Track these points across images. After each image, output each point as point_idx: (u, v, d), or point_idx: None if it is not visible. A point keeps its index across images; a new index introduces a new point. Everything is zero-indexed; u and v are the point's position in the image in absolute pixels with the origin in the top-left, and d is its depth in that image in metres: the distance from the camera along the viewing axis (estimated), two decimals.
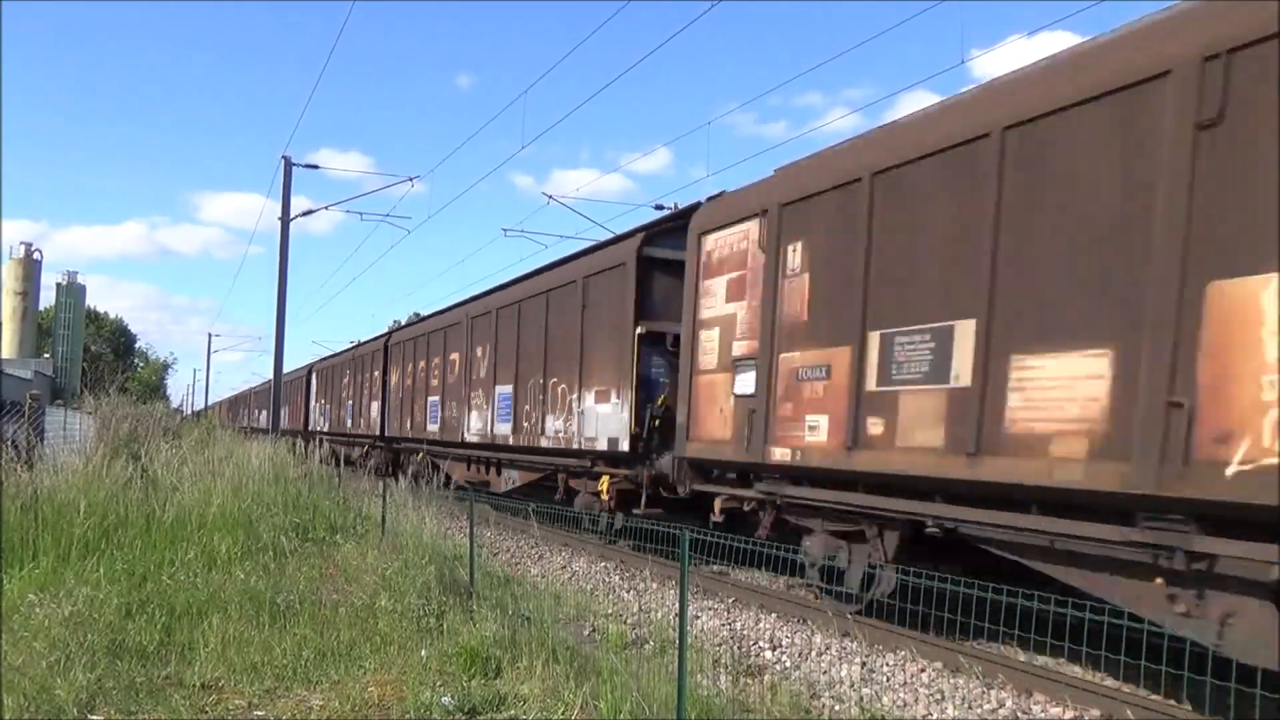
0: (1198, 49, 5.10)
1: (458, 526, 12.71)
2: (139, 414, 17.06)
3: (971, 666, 6.39)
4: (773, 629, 7.83)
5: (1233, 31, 4.96)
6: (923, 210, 6.96)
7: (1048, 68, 6.32)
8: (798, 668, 6.66)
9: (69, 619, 6.17)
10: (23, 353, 68.43)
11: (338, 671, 5.74)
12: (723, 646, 7.04)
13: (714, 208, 9.86)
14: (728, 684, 5.50)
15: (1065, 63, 6.17)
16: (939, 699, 5.98)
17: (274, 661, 5.82)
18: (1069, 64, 6.11)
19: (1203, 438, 4.93)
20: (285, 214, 22.91)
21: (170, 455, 11.41)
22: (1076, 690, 5.88)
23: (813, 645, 7.26)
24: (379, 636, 6.38)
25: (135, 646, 5.99)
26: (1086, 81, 5.79)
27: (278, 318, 23.12)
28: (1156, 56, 5.37)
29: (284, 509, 10.26)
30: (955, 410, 6.49)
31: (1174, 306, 5.11)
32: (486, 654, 5.86)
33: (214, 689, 5.43)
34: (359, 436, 26.48)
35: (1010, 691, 6.06)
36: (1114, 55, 5.74)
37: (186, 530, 8.97)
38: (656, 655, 6.00)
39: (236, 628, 6.38)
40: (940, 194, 6.80)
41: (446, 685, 5.39)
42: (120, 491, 9.46)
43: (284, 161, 22.76)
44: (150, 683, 5.40)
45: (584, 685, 5.17)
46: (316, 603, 7.14)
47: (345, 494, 13.52)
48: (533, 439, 14.05)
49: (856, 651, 7.00)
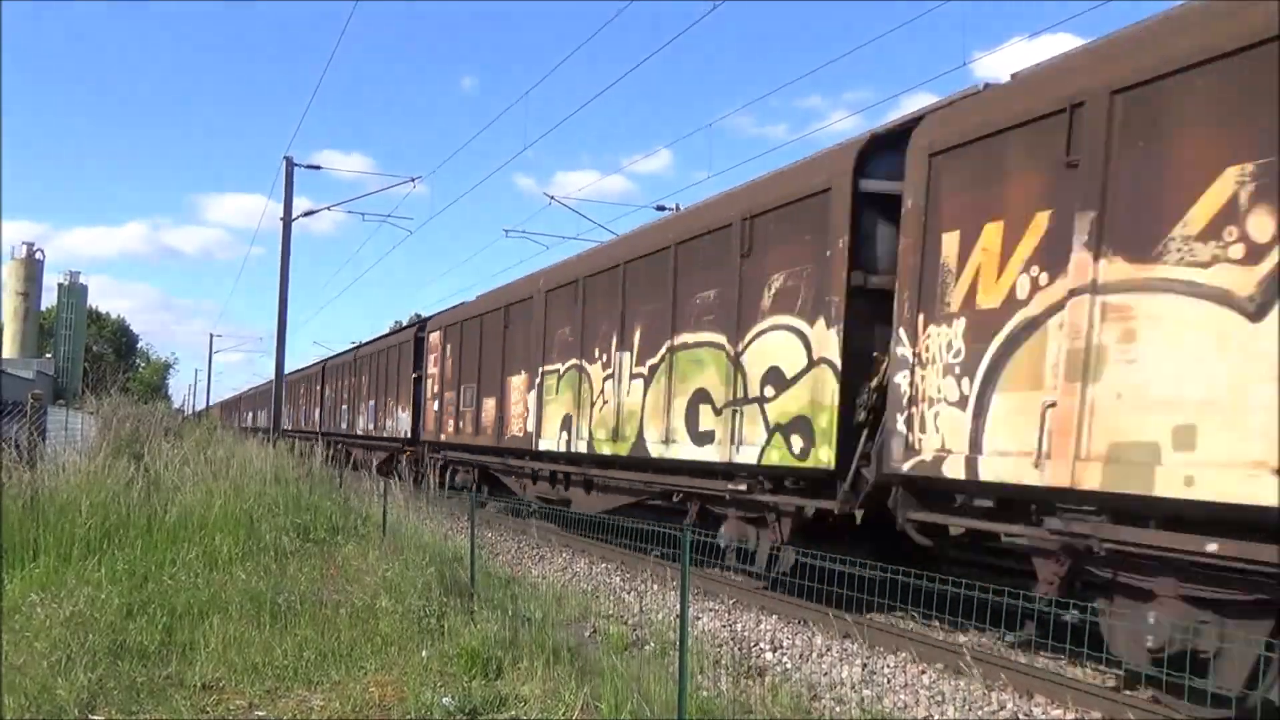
0: (741, 213, 8.90)
1: (458, 527, 12.71)
2: (140, 414, 17.08)
3: (972, 669, 6.39)
4: (773, 630, 7.82)
5: (752, 206, 8.79)
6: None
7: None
8: (798, 669, 6.66)
9: (70, 619, 6.18)
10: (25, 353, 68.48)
11: (339, 672, 5.74)
12: (723, 648, 7.04)
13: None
14: (728, 685, 5.49)
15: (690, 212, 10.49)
16: (940, 700, 5.98)
17: (275, 662, 5.83)
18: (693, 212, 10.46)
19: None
20: (287, 215, 22.91)
21: (172, 455, 11.42)
22: (1078, 692, 5.87)
23: (813, 646, 7.25)
24: (380, 637, 6.38)
25: (136, 647, 5.99)
26: (700, 223, 9.72)
27: (279, 318, 23.11)
28: (726, 216, 9.10)
29: (285, 509, 10.27)
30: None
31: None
32: (487, 655, 5.87)
33: (215, 689, 5.43)
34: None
35: (1011, 693, 6.06)
36: (713, 213, 9.62)
37: (188, 530, 8.98)
38: (657, 656, 6.01)
39: (237, 628, 6.38)
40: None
41: (447, 686, 5.39)
42: (122, 491, 9.47)
43: (286, 162, 22.78)
44: (151, 683, 5.40)
45: (585, 686, 5.17)
46: (317, 603, 7.14)
47: (346, 494, 13.53)
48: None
49: (857, 653, 7.00)
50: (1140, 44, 5.61)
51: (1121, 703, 5.63)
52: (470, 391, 16.73)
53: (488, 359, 15.89)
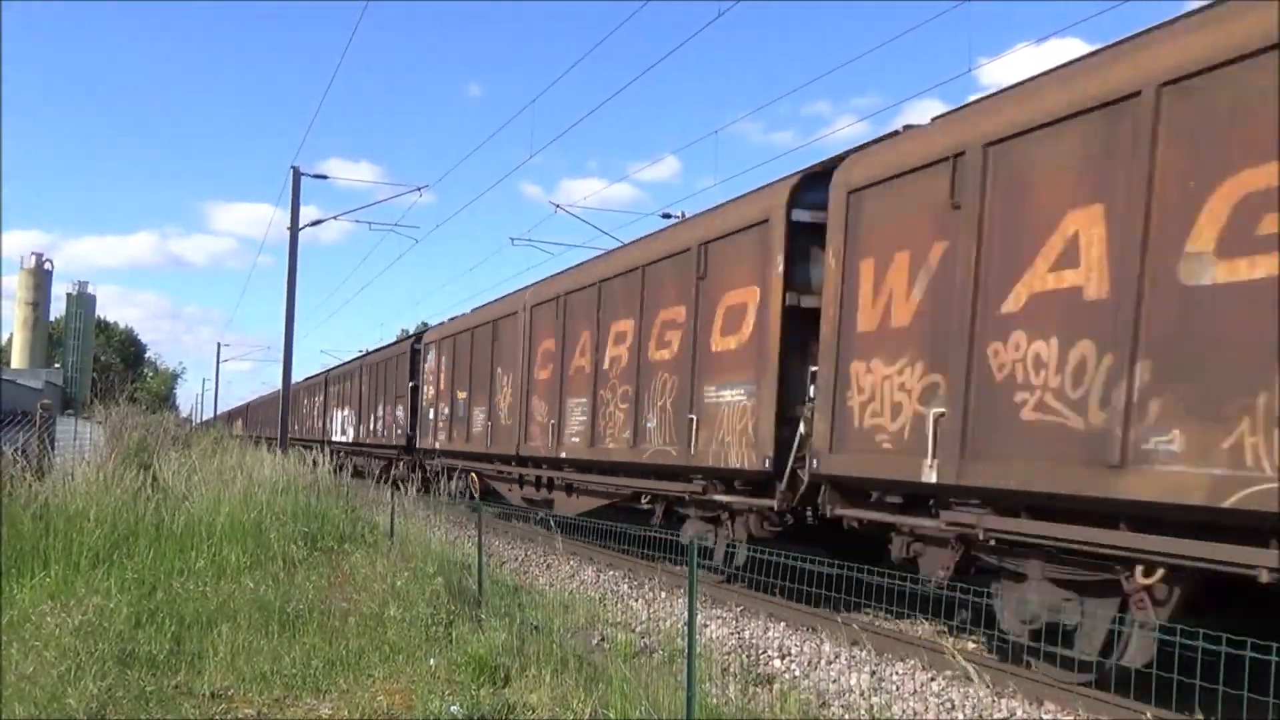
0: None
1: (466, 535, 12.71)
2: (149, 423, 17.14)
3: (981, 675, 6.36)
4: (781, 637, 7.80)
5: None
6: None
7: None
8: (807, 676, 6.64)
9: (79, 628, 6.18)
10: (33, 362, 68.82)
11: (346, 680, 5.75)
12: (731, 655, 7.03)
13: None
14: (736, 693, 5.48)
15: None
16: (949, 708, 5.96)
17: (283, 670, 5.83)
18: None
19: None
20: (294, 224, 23.01)
21: (180, 464, 11.44)
22: (1088, 700, 5.85)
23: (822, 654, 7.24)
24: (388, 645, 6.38)
25: (145, 655, 6.00)
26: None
27: (286, 328, 23.20)
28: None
29: (293, 518, 10.28)
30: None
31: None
32: (495, 663, 5.86)
33: (223, 698, 5.44)
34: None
35: (1021, 700, 6.03)
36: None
37: (196, 539, 9.00)
38: (665, 664, 6.00)
39: (246, 637, 6.39)
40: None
41: (455, 694, 5.39)
42: (130, 500, 9.49)
43: (293, 172, 22.90)
44: (160, 692, 5.41)
45: (593, 694, 5.17)
46: (325, 612, 7.15)
47: (353, 504, 13.53)
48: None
49: (866, 660, 6.98)
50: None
51: (1132, 710, 5.60)
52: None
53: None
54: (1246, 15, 5.01)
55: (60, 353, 76.15)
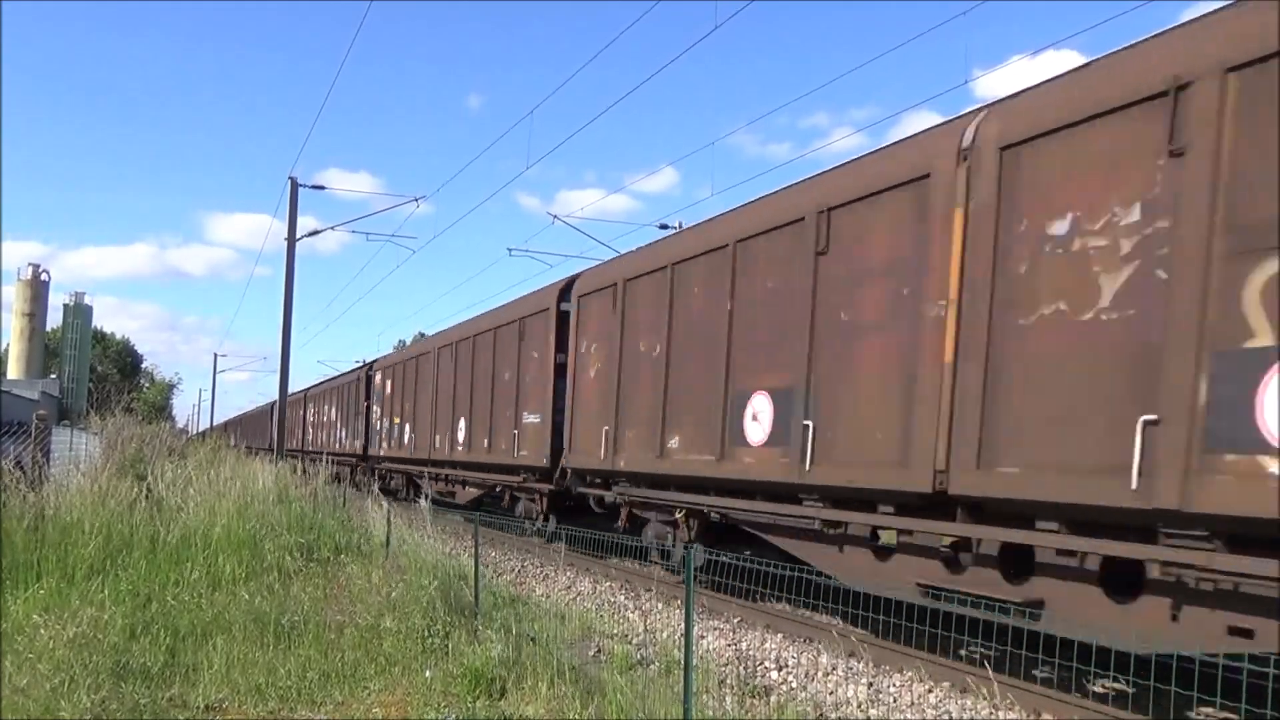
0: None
1: (462, 546, 12.67)
2: (145, 434, 17.10)
3: (979, 687, 6.35)
4: (779, 649, 7.78)
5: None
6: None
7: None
8: (804, 688, 6.62)
9: (74, 640, 6.16)
10: (30, 372, 68.67)
11: (342, 692, 5.73)
12: (728, 667, 7.00)
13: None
14: (734, 705, 5.47)
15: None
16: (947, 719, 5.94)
17: (278, 683, 5.81)
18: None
19: None
20: (291, 234, 23.03)
21: (175, 475, 11.41)
22: (1087, 711, 5.84)
23: (819, 666, 7.22)
24: (384, 657, 6.36)
25: (140, 668, 5.97)
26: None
27: (283, 339, 23.19)
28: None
29: (289, 529, 10.25)
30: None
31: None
32: (491, 674, 5.84)
33: (218, 710, 5.42)
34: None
35: (1019, 712, 6.02)
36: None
37: (191, 551, 8.96)
38: (662, 675, 5.97)
39: (241, 649, 6.37)
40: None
41: (451, 706, 5.37)
42: (125, 512, 9.46)
43: (290, 182, 22.92)
44: (155, 704, 5.39)
45: (589, 706, 5.15)
46: (321, 623, 7.12)
47: (350, 513, 13.49)
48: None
49: (863, 672, 6.96)
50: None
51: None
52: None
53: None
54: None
55: (57, 363, 76.03)
